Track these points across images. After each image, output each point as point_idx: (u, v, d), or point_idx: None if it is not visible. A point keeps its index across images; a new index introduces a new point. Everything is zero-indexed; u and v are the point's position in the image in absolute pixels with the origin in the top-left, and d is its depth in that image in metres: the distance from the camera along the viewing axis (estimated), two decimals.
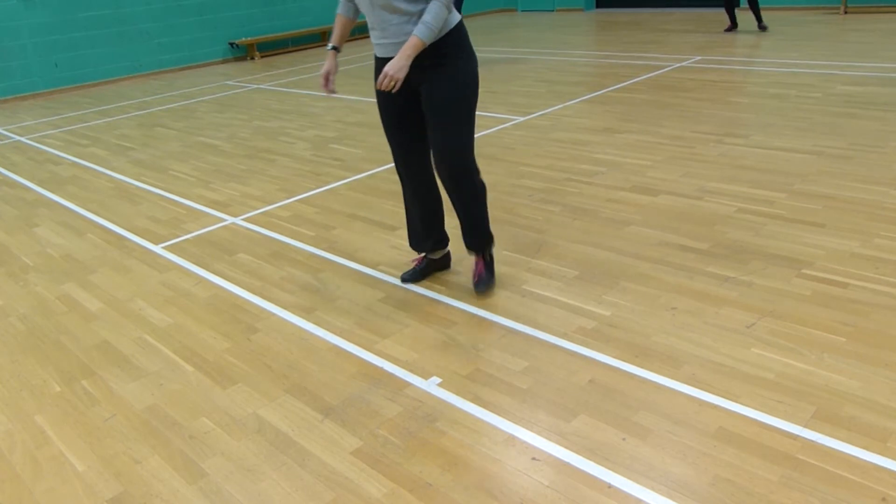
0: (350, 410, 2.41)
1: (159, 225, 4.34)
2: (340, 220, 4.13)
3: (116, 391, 2.66)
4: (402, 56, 2.64)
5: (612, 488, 1.97)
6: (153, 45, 10.62)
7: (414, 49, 2.64)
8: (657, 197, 4.01)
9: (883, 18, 9.76)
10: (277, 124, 6.74)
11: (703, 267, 3.15)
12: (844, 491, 1.89)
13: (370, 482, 2.08)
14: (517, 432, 2.23)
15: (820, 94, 5.87)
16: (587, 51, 9.29)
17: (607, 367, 2.51)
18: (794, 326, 2.64)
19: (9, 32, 9.30)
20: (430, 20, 2.63)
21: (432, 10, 2.64)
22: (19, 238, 4.36)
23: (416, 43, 2.64)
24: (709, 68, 7.34)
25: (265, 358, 2.79)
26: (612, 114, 5.88)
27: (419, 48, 2.65)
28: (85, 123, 7.64)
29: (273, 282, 3.42)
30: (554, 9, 14.49)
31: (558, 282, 3.15)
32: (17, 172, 5.87)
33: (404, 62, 2.64)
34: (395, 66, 2.63)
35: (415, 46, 2.64)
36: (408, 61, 2.65)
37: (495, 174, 4.64)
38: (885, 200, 3.67)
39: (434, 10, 2.64)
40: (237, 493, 2.08)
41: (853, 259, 3.10)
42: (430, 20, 2.63)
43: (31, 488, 2.19)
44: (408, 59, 2.64)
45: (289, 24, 12.00)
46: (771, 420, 2.17)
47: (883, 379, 2.31)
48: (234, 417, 2.44)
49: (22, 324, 3.27)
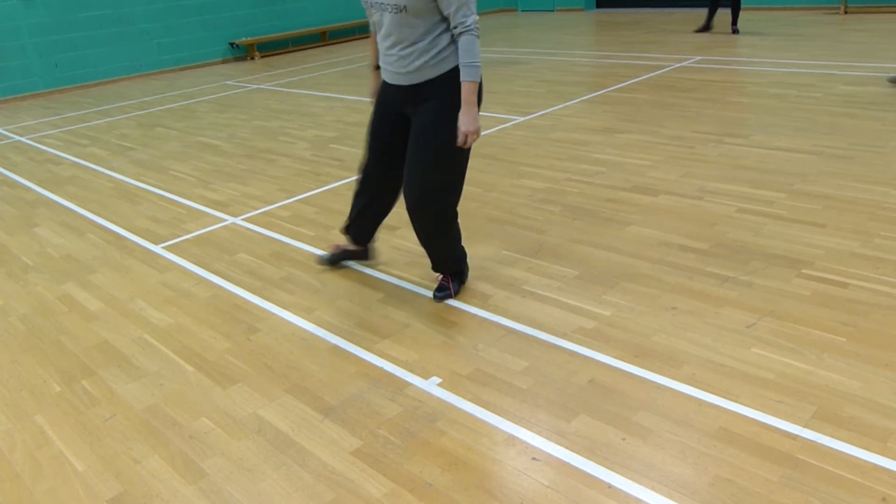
0: (350, 410, 2.41)
1: (159, 225, 4.34)
2: (340, 220, 4.12)
3: (116, 391, 2.66)
4: (467, 108, 2.65)
5: (612, 488, 1.97)
6: (153, 45, 10.61)
7: (472, 93, 2.65)
8: (657, 197, 4.01)
9: (883, 18, 9.75)
10: (277, 124, 6.74)
11: (703, 267, 3.15)
12: (844, 491, 1.89)
13: (370, 482, 2.08)
14: (517, 432, 2.23)
15: (820, 94, 5.87)
16: (587, 51, 9.29)
17: (607, 367, 2.51)
18: (794, 326, 2.64)
19: (9, 32, 9.29)
20: (468, 59, 2.62)
21: (464, 46, 2.61)
22: (19, 238, 4.36)
23: (470, 87, 2.64)
24: (709, 68, 7.34)
25: (265, 358, 2.79)
26: (613, 114, 5.88)
27: (475, 90, 2.66)
28: (85, 123, 7.64)
29: (273, 282, 3.42)
30: (554, 9, 14.48)
31: (558, 282, 3.15)
32: (17, 172, 5.87)
33: (474, 113, 2.66)
34: (468, 122, 2.65)
35: (471, 90, 2.65)
36: (475, 109, 2.67)
37: (495, 174, 4.64)
38: (885, 200, 3.67)
39: (465, 47, 2.61)
40: (237, 493, 2.08)
41: (853, 259, 3.10)
42: (467, 59, 2.62)
43: (31, 488, 2.19)
44: (473, 108, 2.67)
45: (289, 24, 11.99)
46: (771, 420, 2.17)
47: (883, 379, 2.31)
48: (234, 417, 2.44)
49: (22, 324, 3.27)
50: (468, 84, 2.63)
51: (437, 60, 2.68)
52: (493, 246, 3.56)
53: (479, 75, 2.65)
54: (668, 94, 6.40)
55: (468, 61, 2.62)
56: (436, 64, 2.68)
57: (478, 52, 2.64)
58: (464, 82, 2.64)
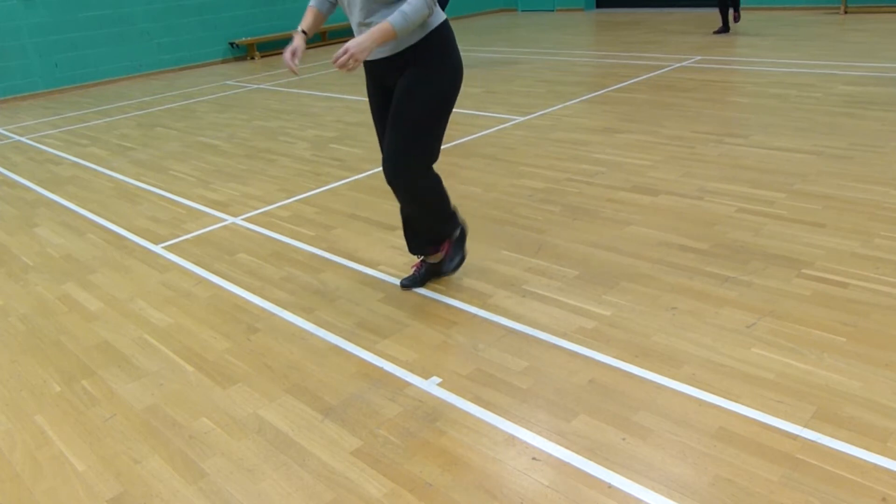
0: (350, 410, 2.41)
1: (159, 225, 4.34)
2: (340, 220, 4.13)
3: (116, 391, 2.66)
4: (367, 37, 2.50)
5: (612, 488, 1.97)
6: (153, 45, 10.61)
7: (382, 34, 2.51)
8: (657, 197, 4.01)
9: (883, 18, 9.75)
10: (277, 124, 6.74)
11: (703, 267, 3.15)
12: (844, 491, 1.88)
13: (370, 482, 2.08)
14: (517, 432, 2.23)
15: (820, 94, 5.87)
16: (587, 51, 9.29)
17: (607, 367, 2.51)
18: (794, 326, 2.64)
19: (9, 32, 9.29)
20: (408, 10, 2.51)
21: (412, 2, 2.52)
22: (19, 238, 4.36)
23: (387, 28, 2.51)
24: (709, 68, 7.34)
25: (265, 358, 2.79)
26: (613, 114, 5.88)
27: (388, 35, 2.52)
28: (85, 123, 7.64)
29: (273, 282, 3.42)
30: (554, 9, 14.49)
31: (558, 282, 3.15)
32: (17, 172, 5.87)
33: (368, 44, 2.49)
34: (357, 44, 2.48)
35: (383, 31, 2.51)
36: (373, 44, 2.50)
37: (495, 174, 4.64)
38: (885, 200, 3.67)
39: (414, 3, 2.52)
40: (237, 494, 2.08)
41: (853, 259, 3.10)
42: (409, 11, 2.51)
43: (31, 488, 2.19)
44: (373, 43, 2.50)
45: (289, 24, 11.99)
46: (771, 420, 2.17)
47: (883, 379, 2.31)
48: (234, 417, 2.44)
49: (22, 324, 3.27)
50: (386, 25, 2.50)
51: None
52: (493, 246, 3.56)
53: (402, 28, 2.52)
54: (668, 94, 6.40)
55: (405, 10, 2.51)
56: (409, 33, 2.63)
57: (418, 13, 2.52)
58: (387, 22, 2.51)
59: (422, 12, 2.54)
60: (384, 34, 2.51)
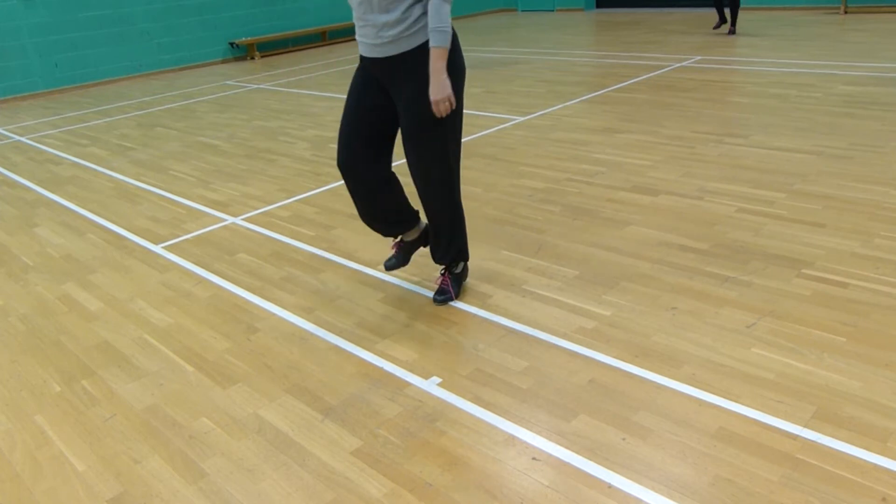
0: (350, 410, 2.41)
1: (159, 225, 4.34)
2: (340, 220, 4.13)
3: (116, 391, 2.66)
4: (435, 73, 2.54)
5: (612, 488, 1.97)
6: (153, 45, 10.61)
7: (441, 60, 2.55)
8: (657, 197, 4.01)
9: (883, 18, 9.76)
10: (277, 124, 6.74)
11: (703, 267, 3.15)
12: (844, 491, 1.89)
13: (370, 482, 2.08)
14: (517, 432, 2.23)
15: (820, 94, 5.87)
16: (587, 51, 9.30)
17: (607, 367, 2.51)
18: (794, 326, 2.64)
19: (9, 32, 9.29)
20: (435, 23, 2.52)
21: (432, 11, 2.51)
22: (19, 238, 4.36)
23: (440, 53, 2.54)
24: (709, 68, 7.34)
25: (265, 358, 2.79)
26: (613, 114, 5.88)
27: (444, 54, 2.55)
28: (85, 123, 7.64)
29: (273, 282, 3.42)
30: (554, 9, 14.49)
31: (558, 282, 3.15)
32: (17, 172, 5.87)
33: (442, 77, 2.55)
34: (437, 86, 2.54)
35: (441, 57, 2.55)
36: (442, 73, 2.55)
37: (495, 174, 4.64)
38: (885, 200, 3.67)
39: (434, 11, 2.51)
40: (237, 493, 2.08)
41: (853, 259, 3.10)
42: (436, 23, 2.52)
43: (31, 488, 2.19)
44: (441, 72, 2.55)
45: (289, 24, 12.00)
46: (771, 420, 2.17)
47: (883, 379, 2.31)
48: (234, 417, 2.44)
49: (22, 324, 3.27)
50: (436, 50, 2.54)
51: (410, 32, 2.59)
52: (493, 246, 3.56)
53: (447, 41, 2.54)
54: (667, 94, 6.40)
55: (436, 26, 2.52)
56: (409, 36, 2.60)
57: (447, 18, 2.53)
58: (432, 48, 2.54)
59: (445, 8, 2.53)
60: (442, 58, 2.55)
